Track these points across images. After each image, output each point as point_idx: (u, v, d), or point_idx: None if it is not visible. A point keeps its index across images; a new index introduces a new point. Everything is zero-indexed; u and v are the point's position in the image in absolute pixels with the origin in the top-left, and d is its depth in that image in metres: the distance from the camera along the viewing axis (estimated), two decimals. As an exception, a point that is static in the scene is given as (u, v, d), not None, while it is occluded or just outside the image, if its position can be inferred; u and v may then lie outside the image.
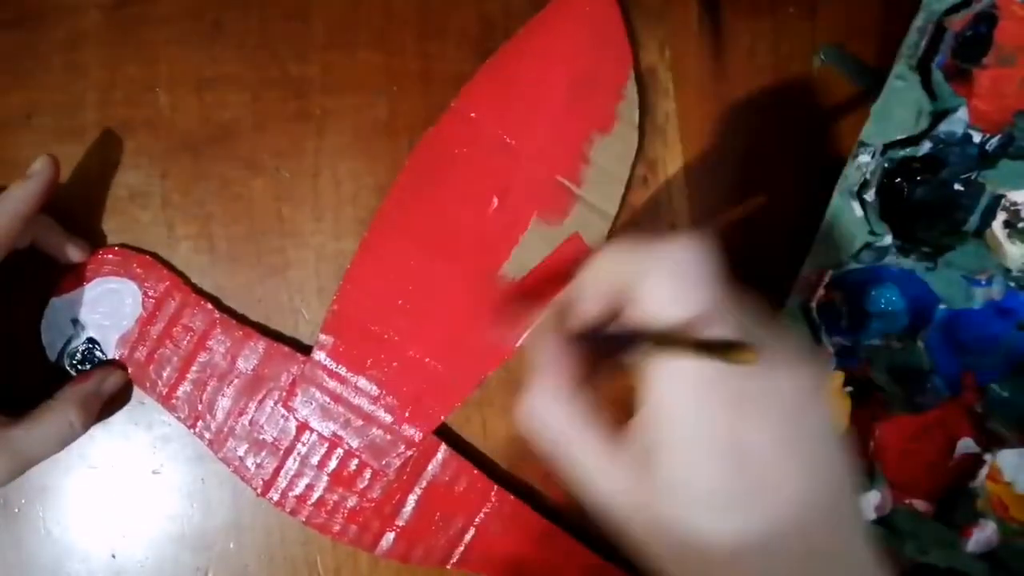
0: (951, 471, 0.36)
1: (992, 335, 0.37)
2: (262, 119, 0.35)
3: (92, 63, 0.34)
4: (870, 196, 0.33)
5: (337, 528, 0.34)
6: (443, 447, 0.34)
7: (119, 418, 0.34)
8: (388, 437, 0.33)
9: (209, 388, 0.33)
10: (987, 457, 0.36)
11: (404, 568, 0.35)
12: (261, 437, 0.33)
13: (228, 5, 0.35)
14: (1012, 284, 0.35)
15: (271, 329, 0.35)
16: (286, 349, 0.34)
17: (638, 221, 0.36)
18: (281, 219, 0.35)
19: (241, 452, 0.33)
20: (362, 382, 0.33)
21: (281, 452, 0.33)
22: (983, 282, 0.35)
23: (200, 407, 0.33)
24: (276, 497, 0.33)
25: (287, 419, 0.33)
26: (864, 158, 0.33)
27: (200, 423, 0.33)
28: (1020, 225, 0.35)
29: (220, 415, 0.33)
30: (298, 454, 0.33)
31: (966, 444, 0.36)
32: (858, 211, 0.33)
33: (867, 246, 0.33)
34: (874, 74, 0.36)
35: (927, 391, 0.36)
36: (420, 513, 0.34)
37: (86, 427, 0.31)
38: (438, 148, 0.34)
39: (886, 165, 0.34)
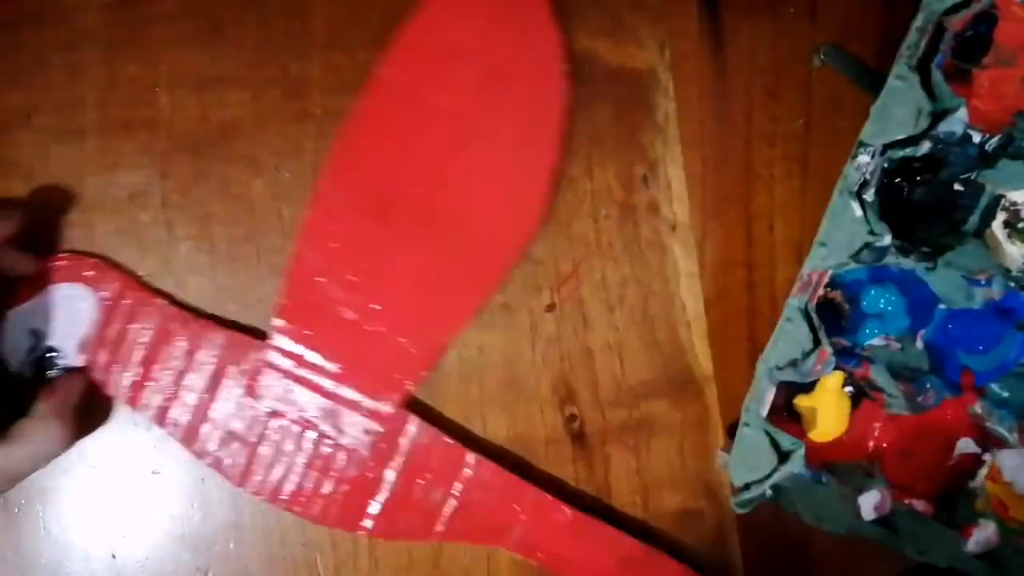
0: (951, 471, 0.36)
1: (992, 335, 0.37)
2: (262, 119, 0.35)
3: (92, 63, 0.34)
4: (870, 196, 0.33)
5: (317, 511, 0.33)
6: (413, 419, 0.34)
7: (119, 418, 0.34)
8: (357, 415, 0.33)
9: (173, 385, 0.33)
10: (987, 457, 0.36)
11: (403, 568, 0.35)
12: (231, 429, 0.33)
13: (228, 5, 0.35)
14: (1012, 284, 0.35)
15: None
16: (245, 337, 0.33)
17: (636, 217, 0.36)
18: (281, 219, 0.35)
19: (213, 446, 0.33)
20: (324, 362, 0.33)
21: (253, 442, 0.33)
22: (983, 282, 0.35)
23: (166, 404, 0.33)
24: (253, 488, 0.33)
25: (254, 408, 0.33)
26: (864, 158, 0.33)
27: (169, 421, 0.33)
28: (1020, 225, 0.35)
29: (187, 411, 0.33)
30: (270, 442, 0.33)
31: (966, 444, 0.36)
32: (858, 211, 0.33)
33: (867, 246, 0.33)
34: (874, 74, 0.36)
35: (927, 391, 0.36)
36: (399, 488, 0.33)
37: (72, 439, 0.31)
38: (370, 119, 0.33)
39: (886, 165, 0.34)
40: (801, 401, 0.35)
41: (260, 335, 0.34)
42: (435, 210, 0.33)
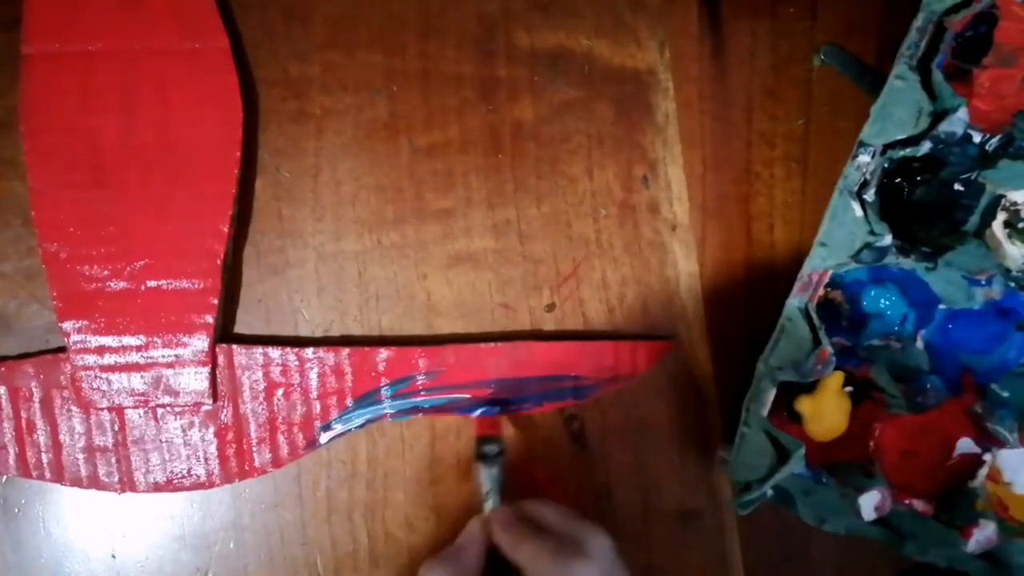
0: (951, 471, 0.36)
1: (992, 335, 0.37)
2: (262, 119, 0.35)
3: (92, 63, 0.34)
4: (870, 196, 0.33)
5: (205, 479, 0.33)
6: (234, 348, 0.33)
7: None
8: (182, 369, 0.33)
9: (14, 433, 0.33)
10: (987, 457, 0.36)
11: (404, 567, 0.35)
12: (87, 444, 0.33)
13: (228, 5, 0.35)
14: (1012, 284, 0.35)
15: (270, 331, 0.35)
16: (49, 357, 0.33)
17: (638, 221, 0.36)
18: (281, 219, 0.35)
19: (83, 470, 0.33)
20: (123, 340, 0.32)
21: (112, 446, 0.33)
22: (983, 282, 0.35)
23: (20, 453, 0.33)
24: (145, 487, 0.33)
25: (93, 415, 0.33)
26: (864, 158, 0.33)
27: (34, 468, 0.33)
28: (1020, 225, 0.35)
29: (43, 449, 0.33)
30: (128, 439, 0.33)
31: (966, 444, 0.36)
32: (858, 211, 0.33)
33: (867, 246, 0.33)
34: (874, 74, 0.36)
35: (927, 391, 0.36)
36: (262, 416, 0.33)
37: None
38: (40, 100, 0.32)
39: (886, 165, 0.34)
40: (801, 401, 0.35)
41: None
42: (140, 150, 0.32)
